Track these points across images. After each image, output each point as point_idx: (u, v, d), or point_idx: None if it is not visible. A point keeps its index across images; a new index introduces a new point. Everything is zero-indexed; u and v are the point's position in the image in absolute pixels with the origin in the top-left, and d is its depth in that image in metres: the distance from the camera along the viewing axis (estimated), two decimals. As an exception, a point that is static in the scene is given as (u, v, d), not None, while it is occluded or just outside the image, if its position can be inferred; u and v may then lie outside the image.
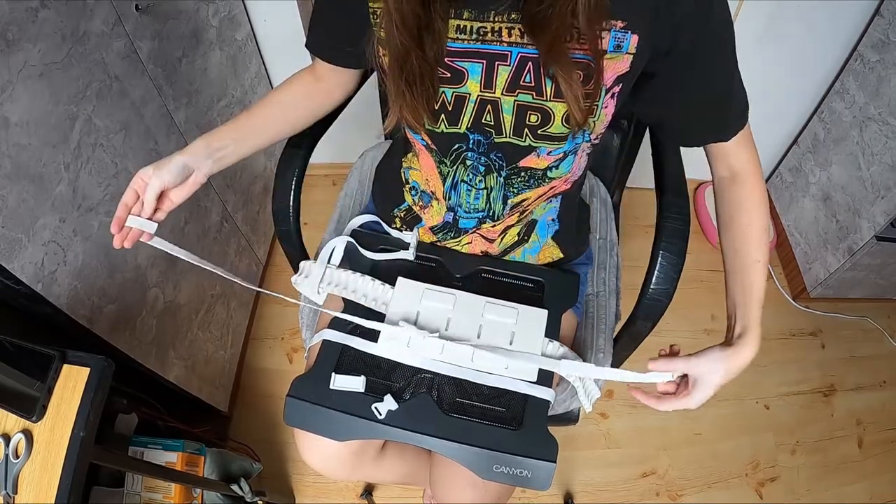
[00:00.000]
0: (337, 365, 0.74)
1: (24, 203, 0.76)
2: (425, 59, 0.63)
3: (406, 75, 0.64)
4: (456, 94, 0.67)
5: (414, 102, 0.66)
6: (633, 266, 1.12)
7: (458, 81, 0.66)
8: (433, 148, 0.75)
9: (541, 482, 0.68)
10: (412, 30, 0.60)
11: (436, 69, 0.65)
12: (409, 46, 0.62)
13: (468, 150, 0.73)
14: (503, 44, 0.63)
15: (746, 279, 0.72)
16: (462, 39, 0.64)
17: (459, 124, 0.70)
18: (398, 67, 0.64)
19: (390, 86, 0.67)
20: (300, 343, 1.64)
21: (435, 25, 0.61)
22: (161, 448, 1.08)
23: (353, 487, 1.42)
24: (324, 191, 1.95)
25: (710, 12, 0.62)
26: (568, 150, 0.71)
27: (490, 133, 0.70)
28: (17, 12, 0.72)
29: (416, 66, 0.63)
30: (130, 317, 1.03)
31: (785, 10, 1.46)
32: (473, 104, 0.68)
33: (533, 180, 0.75)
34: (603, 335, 0.93)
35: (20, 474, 0.66)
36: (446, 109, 0.69)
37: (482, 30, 0.63)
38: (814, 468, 1.52)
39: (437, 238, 0.87)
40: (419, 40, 0.62)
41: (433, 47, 0.63)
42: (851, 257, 1.56)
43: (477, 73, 0.65)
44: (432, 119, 0.70)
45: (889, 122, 1.43)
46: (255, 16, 1.46)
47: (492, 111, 0.68)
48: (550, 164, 0.73)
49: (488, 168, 0.74)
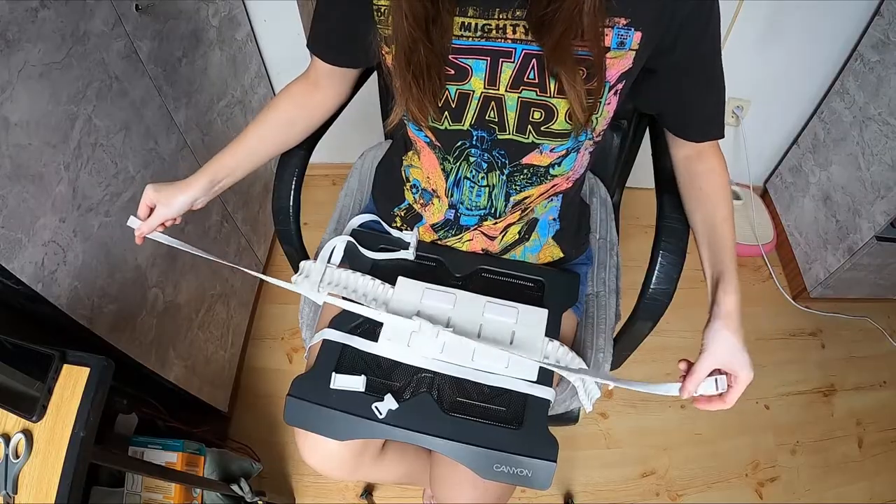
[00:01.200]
0: (337, 364, 0.74)
1: (24, 203, 0.76)
2: (433, 51, 0.63)
3: (413, 68, 0.64)
4: (460, 91, 0.67)
5: (420, 96, 0.66)
6: (634, 266, 1.12)
7: (462, 78, 0.66)
8: (437, 145, 0.75)
9: (541, 482, 0.68)
10: (421, 22, 0.61)
11: (443, 62, 0.65)
12: (417, 37, 0.62)
13: (471, 147, 0.73)
14: (507, 41, 0.63)
15: (715, 235, 0.74)
16: (466, 36, 0.64)
17: (463, 121, 0.70)
18: (405, 60, 0.64)
19: (397, 80, 0.67)
20: (300, 343, 1.64)
21: (442, 19, 0.62)
22: (161, 448, 1.08)
23: (353, 487, 1.42)
24: (324, 191, 1.95)
25: (711, 15, 0.63)
26: (570, 147, 0.72)
27: (494, 129, 0.70)
28: (17, 12, 0.72)
29: (424, 57, 0.63)
30: (130, 317, 1.03)
31: (785, 11, 1.46)
32: (477, 101, 0.68)
33: (535, 177, 0.75)
34: (603, 335, 0.93)
35: (20, 474, 0.66)
36: (450, 106, 0.69)
37: (487, 27, 0.63)
38: (814, 468, 1.52)
39: (437, 236, 0.87)
40: (427, 32, 0.62)
41: (440, 40, 0.63)
42: (851, 257, 1.56)
43: (481, 69, 0.65)
44: (436, 115, 0.70)
45: (889, 122, 1.43)
46: (255, 16, 1.47)
47: (495, 108, 0.68)
48: (553, 161, 0.73)
49: (491, 165, 0.74)
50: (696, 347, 0.69)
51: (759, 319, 1.75)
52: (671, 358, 1.57)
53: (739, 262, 2.01)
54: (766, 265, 1.85)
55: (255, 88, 1.53)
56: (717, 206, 0.75)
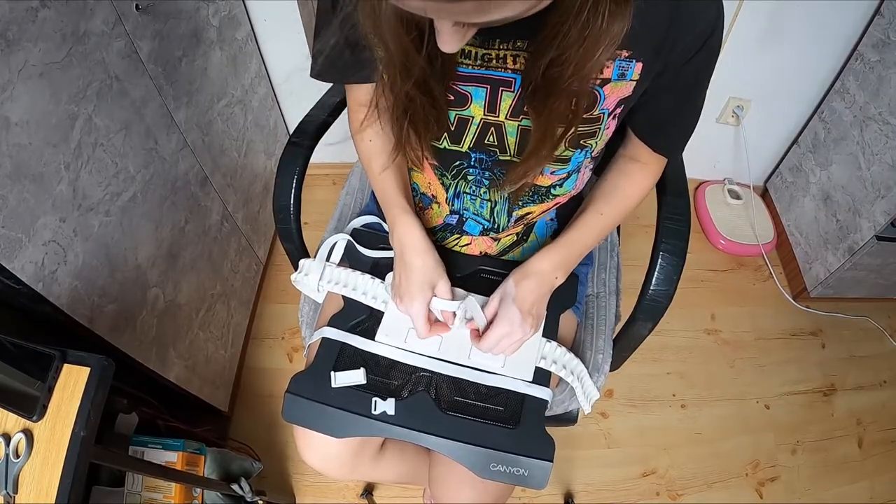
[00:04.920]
0: (336, 363, 0.75)
1: (24, 203, 0.76)
2: (432, 103, 0.62)
3: (411, 118, 0.63)
4: (459, 117, 0.67)
5: (419, 141, 0.66)
6: (634, 265, 1.12)
7: (462, 104, 0.66)
8: (433, 163, 0.75)
9: (538, 481, 0.68)
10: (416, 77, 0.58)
11: (444, 110, 0.64)
12: (413, 95, 0.60)
13: (469, 167, 0.73)
14: (507, 70, 0.62)
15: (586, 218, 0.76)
16: (467, 64, 0.63)
17: (462, 143, 0.70)
18: (402, 113, 0.63)
19: (394, 126, 0.66)
20: (300, 342, 1.64)
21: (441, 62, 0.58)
22: (161, 447, 1.08)
23: (353, 487, 1.43)
24: (324, 190, 1.95)
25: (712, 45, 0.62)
26: (571, 169, 0.72)
27: (494, 152, 0.70)
28: (17, 12, 0.72)
29: (421, 110, 0.62)
30: (131, 316, 1.03)
31: (785, 10, 1.46)
32: (477, 126, 0.68)
33: (537, 196, 0.76)
34: (603, 336, 0.93)
35: (20, 474, 0.66)
36: (449, 129, 0.69)
37: (487, 56, 0.62)
38: (814, 468, 1.52)
39: (436, 238, 0.87)
40: (424, 86, 0.59)
41: (441, 83, 0.61)
42: (852, 257, 1.56)
43: (481, 97, 0.65)
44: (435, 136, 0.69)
45: (889, 121, 1.43)
46: (255, 16, 1.47)
47: (495, 133, 0.68)
48: (554, 183, 0.74)
49: (493, 182, 0.74)
50: (696, 347, 0.69)
51: (760, 319, 1.75)
52: (671, 358, 1.59)
53: (740, 261, 2.00)
54: (767, 265, 1.85)
55: (255, 88, 1.53)
56: (612, 204, 0.76)
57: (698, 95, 0.69)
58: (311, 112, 0.97)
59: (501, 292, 0.74)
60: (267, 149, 1.66)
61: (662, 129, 0.73)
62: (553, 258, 0.74)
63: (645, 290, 0.82)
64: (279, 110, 1.74)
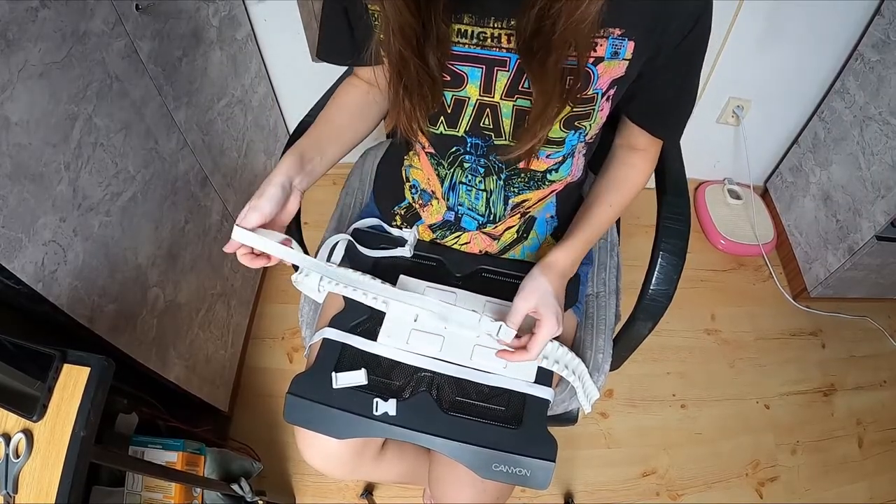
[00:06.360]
0: (337, 363, 0.75)
1: (24, 203, 0.76)
2: (426, 70, 0.62)
3: (405, 82, 0.64)
4: (455, 98, 0.67)
5: (412, 110, 0.66)
6: (633, 265, 1.12)
7: (458, 85, 0.66)
8: (429, 151, 0.75)
9: (539, 481, 0.68)
10: (411, 39, 0.60)
11: (439, 80, 0.64)
12: (407, 56, 0.61)
13: (465, 153, 0.73)
14: (502, 49, 0.63)
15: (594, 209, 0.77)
16: (463, 43, 0.64)
17: (458, 127, 0.70)
18: (396, 75, 0.64)
19: (390, 92, 0.67)
20: (300, 342, 1.64)
21: (436, 32, 0.60)
22: (161, 447, 1.08)
23: (353, 487, 1.43)
24: (324, 190, 1.93)
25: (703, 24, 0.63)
26: (566, 153, 0.72)
27: (489, 136, 0.70)
28: (17, 12, 0.72)
29: (415, 75, 0.63)
30: (131, 316, 1.03)
31: (785, 10, 1.46)
32: (472, 107, 0.68)
33: (533, 182, 0.76)
34: (603, 335, 0.93)
35: (20, 474, 0.66)
36: (446, 112, 0.69)
37: (482, 35, 0.63)
38: (814, 468, 1.52)
39: (436, 236, 0.87)
40: (418, 49, 0.61)
41: (436, 54, 0.62)
42: (852, 257, 1.56)
43: (476, 77, 0.65)
44: (431, 120, 0.69)
45: (889, 121, 1.43)
46: (255, 16, 1.47)
47: (490, 115, 0.68)
48: (550, 167, 0.74)
49: (488, 170, 0.74)
50: (696, 347, 0.69)
51: (760, 319, 1.75)
52: (671, 358, 1.59)
53: (740, 261, 2.00)
54: (767, 265, 1.85)
55: (255, 88, 1.53)
56: (619, 194, 0.79)
57: (694, 77, 0.70)
58: (311, 112, 0.97)
59: (537, 290, 0.71)
60: (267, 149, 1.66)
61: (661, 113, 0.74)
62: (571, 253, 0.76)
63: (645, 290, 0.82)
64: (279, 110, 1.74)
